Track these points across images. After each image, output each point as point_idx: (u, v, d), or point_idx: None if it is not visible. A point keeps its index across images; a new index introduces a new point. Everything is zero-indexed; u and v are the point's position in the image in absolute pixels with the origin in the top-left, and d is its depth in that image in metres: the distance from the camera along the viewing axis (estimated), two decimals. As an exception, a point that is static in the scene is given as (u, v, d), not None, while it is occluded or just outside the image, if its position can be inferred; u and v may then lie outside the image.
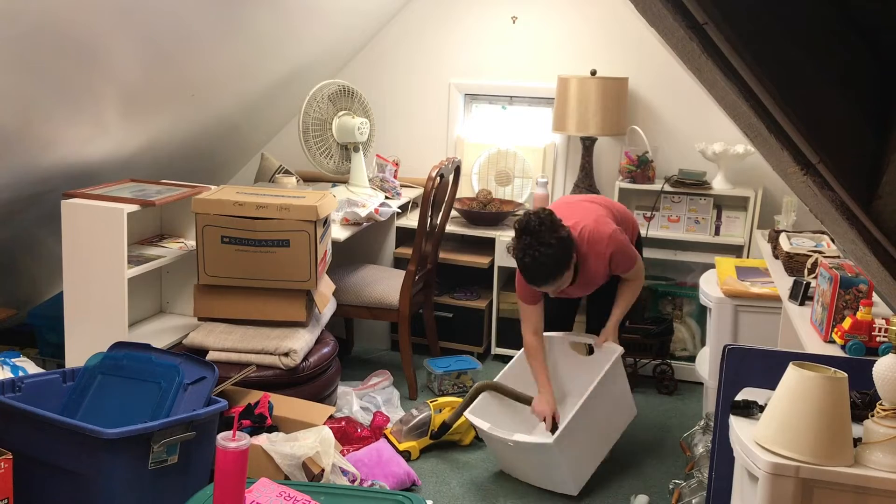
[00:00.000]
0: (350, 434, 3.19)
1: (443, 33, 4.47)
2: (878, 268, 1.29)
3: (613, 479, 3.17)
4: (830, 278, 2.39)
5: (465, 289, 4.33)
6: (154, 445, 2.28)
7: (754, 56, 1.02)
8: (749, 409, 2.04)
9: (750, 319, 3.22)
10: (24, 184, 3.08)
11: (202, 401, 2.51)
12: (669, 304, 4.15)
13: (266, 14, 3.34)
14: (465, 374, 3.88)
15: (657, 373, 4.03)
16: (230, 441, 1.88)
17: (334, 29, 4.06)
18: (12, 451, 2.25)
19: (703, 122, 4.12)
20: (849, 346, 2.27)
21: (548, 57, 4.33)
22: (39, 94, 2.71)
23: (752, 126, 1.18)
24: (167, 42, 3.00)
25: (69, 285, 3.00)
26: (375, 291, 3.80)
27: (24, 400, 2.45)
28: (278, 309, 3.18)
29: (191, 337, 3.14)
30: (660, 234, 4.05)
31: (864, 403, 1.99)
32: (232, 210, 3.07)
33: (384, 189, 4.20)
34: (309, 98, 3.94)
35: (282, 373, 3.07)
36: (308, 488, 2.14)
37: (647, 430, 3.59)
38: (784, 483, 1.80)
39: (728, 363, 2.27)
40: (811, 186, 1.18)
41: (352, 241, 3.93)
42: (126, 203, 2.98)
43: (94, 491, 2.26)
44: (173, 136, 3.68)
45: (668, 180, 4.04)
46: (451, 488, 3.07)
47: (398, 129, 4.58)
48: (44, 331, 3.55)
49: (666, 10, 1.03)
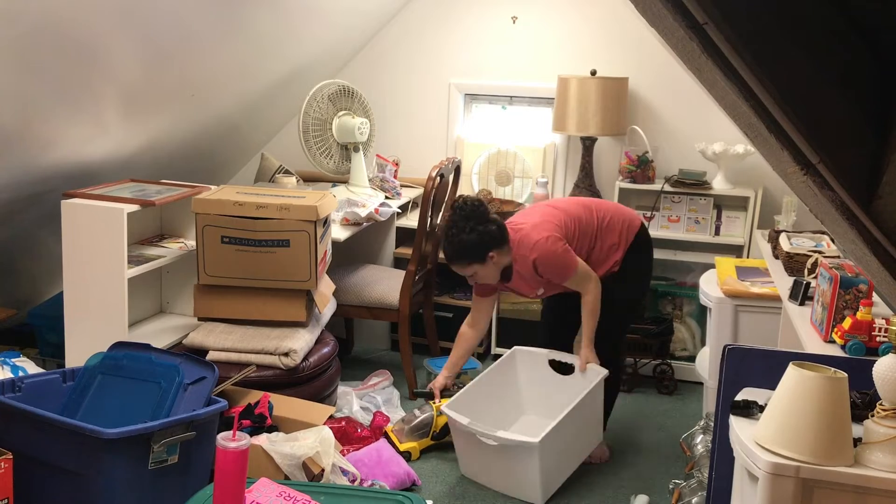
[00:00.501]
0: (350, 434, 3.19)
1: (443, 33, 4.47)
2: (878, 268, 1.29)
3: (613, 479, 3.17)
4: (830, 278, 2.39)
5: (465, 289, 4.33)
6: (154, 445, 2.28)
7: (754, 56, 1.02)
8: (749, 409, 2.03)
9: (750, 319, 3.22)
10: (24, 184, 3.08)
11: (202, 401, 2.51)
12: (669, 304, 4.15)
13: (266, 14, 3.33)
14: (465, 374, 3.87)
15: (657, 373, 4.03)
16: (230, 441, 1.88)
17: (334, 29, 4.06)
18: (12, 451, 2.25)
19: (703, 122, 4.12)
20: (849, 346, 2.27)
21: (548, 57, 4.33)
22: (39, 94, 2.71)
23: (752, 126, 1.18)
24: (167, 42, 3.00)
25: (69, 285, 3.00)
26: (375, 291, 3.80)
27: (24, 400, 2.45)
28: (278, 309, 3.18)
29: (191, 337, 3.14)
30: (660, 234, 4.04)
31: (864, 403, 1.99)
32: (232, 210, 3.07)
33: (384, 189, 4.20)
34: (309, 98, 3.94)
35: (282, 373, 3.07)
36: (308, 488, 2.14)
37: (647, 430, 3.59)
38: (784, 483, 1.80)
39: (728, 363, 2.27)
40: (811, 186, 1.18)
41: (352, 241, 3.93)
42: (126, 203, 2.98)
43: (94, 491, 2.26)
44: (173, 136, 3.68)
45: (668, 180, 4.04)
46: (452, 489, 3.07)
47: (398, 129, 4.58)
48: (44, 331, 3.55)
49: (666, 10, 1.03)
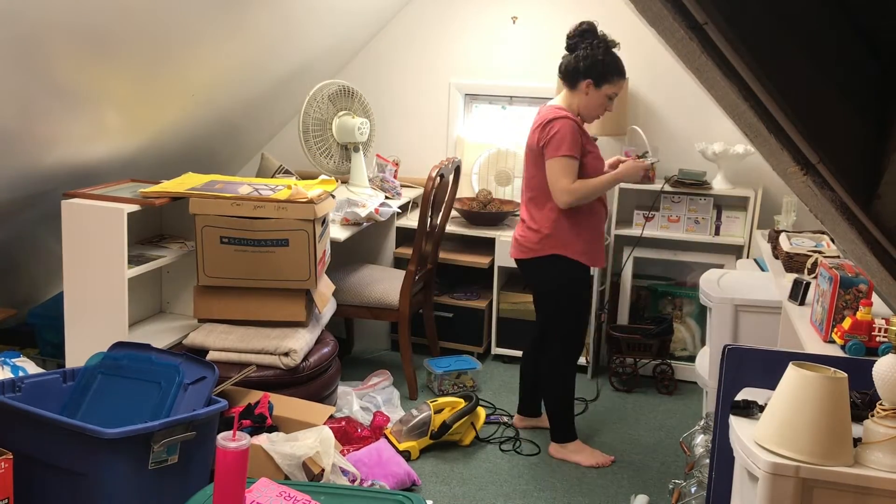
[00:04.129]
0: (350, 434, 3.19)
1: (443, 33, 4.47)
2: (878, 268, 1.29)
3: (613, 479, 3.17)
4: (830, 278, 2.39)
5: (465, 289, 4.33)
6: (154, 445, 2.28)
7: (754, 56, 1.02)
8: (749, 409, 2.03)
9: (750, 319, 3.21)
10: (24, 184, 3.08)
11: (202, 401, 2.51)
12: (669, 304, 4.15)
13: (266, 14, 3.33)
14: (465, 374, 3.88)
15: (657, 373, 4.03)
16: (230, 441, 1.88)
17: (334, 29, 4.06)
18: (12, 451, 2.25)
19: (703, 122, 4.12)
20: (849, 346, 2.27)
21: (548, 57, 4.32)
22: (39, 94, 2.71)
23: (752, 126, 1.18)
24: (167, 42, 3.00)
25: (69, 285, 3.00)
26: (375, 291, 3.80)
27: (24, 400, 2.45)
28: (278, 309, 3.18)
29: (191, 337, 3.14)
30: (660, 234, 4.05)
31: (864, 403, 1.99)
32: (230, 210, 3.07)
33: (384, 189, 4.20)
34: (309, 98, 3.94)
35: (282, 373, 3.07)
36: (308, 488, 2.14)
37: (647, 430, 3.59)
38: (784, 483, 1.80)
39: (728, 363, 2.27)
40: (811, 186, 1.18)
41: (352, 241, 3.93)
42: (126, 203, 2.98)
43: (94, 491, 2.26)
44: (173, 136, 3.68)
45: (668, 180, 4.04)
46: (451, 488, 3.07)
47: (398, 129, 4.58)
48: (44, 331, 3.55)
49: (666, 10, 1.03)
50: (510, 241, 3.32)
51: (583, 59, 3.03)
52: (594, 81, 3.04)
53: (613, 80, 3.07)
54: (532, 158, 3.10)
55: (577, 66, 3.04)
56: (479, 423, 3.42)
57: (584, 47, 3.03)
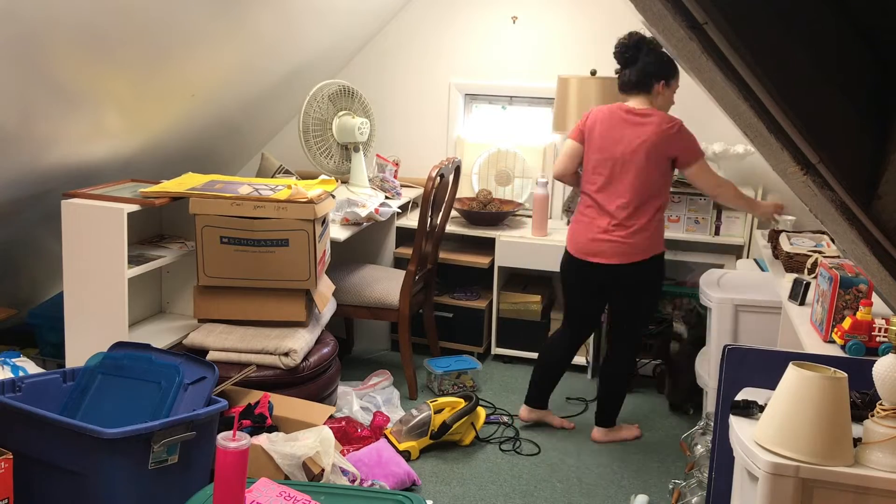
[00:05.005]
0: (350, 434, 3.19)
1: (443, 33, 4.47)
2: (878, 268, 1.29)
3: (613, 479, 3.17)
4: (830, 278, 2.39)
5: (465, 289, 4.33)
6: (154, 445, 2.28)
7: (754, 56, 1.02)
8: (749, 409, 2.03)
9: (750, 319, 3.22)
10: (24, 184, 3.08)
11: (202, 401, 2.51)
12: (669, 304, 4.14)
13: (266, 14, 3.33)
14: (465, 374, 3.88)
15: (657, 373, 4.03)
16: (230, 441, 1.88)
17: (334, 29, 4.06)
18: (12, 451, 2.25)
19: (704, 122, 4.12)
20: (849, 346, 2.27)
21: (548, 57, 4.33)
22: (39, 94, 2.71)
23: (752, 126, 1.18)
24: (167, 42, 3.00)
25: (69, 285, 3.00)
26: (375, 291, 3.80)
27: (24, 400, 2.45)
28: (278, 309, 3.18)
29: (191, 337, 3.14)
30: (660, 234, 4.04)
31: (864, 403, 1.99)
32: (230, 210, 3.07)
33: (384, 189, 4.20)
34: (309, 98, 3.94)
35: (282, 373, 3.07)
36: (308, 488, 2.14)
37: (647, 430, 3.59)
38: (784, 483, 1.80)
39: (728, 363, 2.27)
40: (811, 186, 1.18)
41: (352, 241, 3.93)
42: (126, 203, 2.98)
43: (94, 491, 2.26)
44: (174, 136, 3.68)
45: (668, 180, 4.03)
46: (451, 488, 3.07)
47: (398, 129, 4.58)
48: (44, 331, 3.54)
49: (666, 10, 1.03)
50: (510, 241, 3.33)
51: (650, 63, 3.23)
52: (666, 81, 3.26)
53: (677, 76, 3.32)
54: (653, 160, 3.20)
55: (648, 71, 3.23)
56: (479, 423, 3.42)
57: (646, 53, 3.24)
